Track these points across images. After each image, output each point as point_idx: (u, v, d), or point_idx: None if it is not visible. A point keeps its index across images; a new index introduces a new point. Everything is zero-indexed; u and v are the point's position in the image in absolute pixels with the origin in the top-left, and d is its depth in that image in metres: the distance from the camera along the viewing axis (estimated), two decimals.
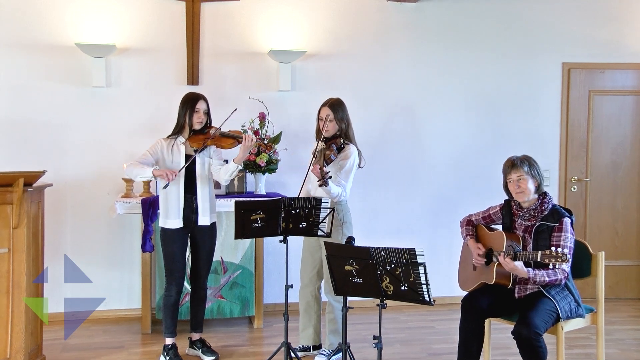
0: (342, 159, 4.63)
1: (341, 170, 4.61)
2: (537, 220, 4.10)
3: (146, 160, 4.60)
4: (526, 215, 4.13)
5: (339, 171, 4.61)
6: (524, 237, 4.13)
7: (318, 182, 4.33)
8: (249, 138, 4.56)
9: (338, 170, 4.61)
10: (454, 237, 5.99)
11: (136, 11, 5.83)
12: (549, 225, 4.05)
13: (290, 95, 6.11)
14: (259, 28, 6.04)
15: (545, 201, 4.13)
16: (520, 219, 4.16)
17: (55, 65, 5.72)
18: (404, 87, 6.33)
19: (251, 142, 4.57)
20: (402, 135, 6.35)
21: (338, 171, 4.61)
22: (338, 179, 4.58)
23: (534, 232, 4.08)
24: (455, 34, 6.39)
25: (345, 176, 4.62)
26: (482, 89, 6.45)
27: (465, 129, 6.46)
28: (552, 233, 4.03)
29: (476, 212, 4.47)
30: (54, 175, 5.29)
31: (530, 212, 4.13)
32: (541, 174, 4.19)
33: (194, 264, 4.83)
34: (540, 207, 4.11)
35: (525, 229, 4.14)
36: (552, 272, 3.93)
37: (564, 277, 3.97)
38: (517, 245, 4.08)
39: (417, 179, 6.40)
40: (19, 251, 4.21)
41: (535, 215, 4.11)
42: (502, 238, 4.12)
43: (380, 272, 3.33)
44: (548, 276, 3.93)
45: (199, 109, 4.64)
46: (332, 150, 4.55)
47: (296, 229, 4.38)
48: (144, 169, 4.51)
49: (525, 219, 4.13)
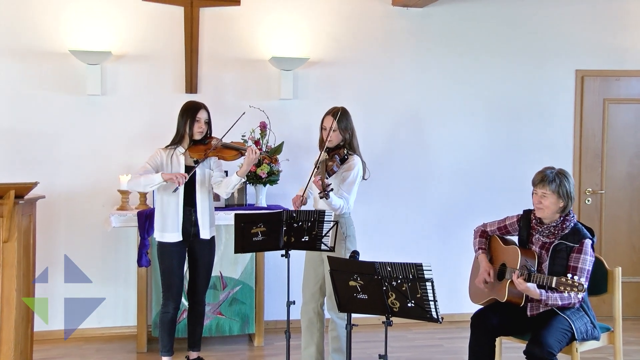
0: (345, 170, 4.61)
1: (344, 181, 4.59)
2: (556, 238, 4.04)
3: (147, 172, 4.59)
4: (545, 231, 4.07)
5: (341, 183, 4.59)
6: (540, 254, 4.07)
7: (319, 194, 4.31)
8: (252, 151, 4.55)
9: (341, 182, 4.59)
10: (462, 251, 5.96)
11: (133, 16, 5.84)
12: (568, 245, 3.99)
13: (292, 103, 6.11)
14: (260, 34, 6.05)
15: (567, 219, 4.05)
16: (539, 234, 4.11)
17: (48, 72, 5.72)
18: (410, 95, 6.32)
19: (255, 154, 4.56)
20: (408, 145, 6.33)
21: (341, 183, 4.59)
22: (341, 191, 4.56)
23: (552, 250, 4.02)
24: (463, 40, 6.39)
25: (348, 188, 4.59)
26: (492, 97, 6.44)
27: (475, 138, 6.44)
28: (570, 253, 3.97)
29: (491, 222, 4.44)
30: (46, 187, 5.27)
31: (550, 228, 4.06)
32: (571, 193, 4.04)
33: (192, 279, 4.81)
34: (562, 225, 4.04)
35: (543, 245, 4.08)
36: (565, 296, 3.88)
37: (577, 302, 3.93)
38: (532, 264, 4.02)
39: (424, 191, 6.38)
40: (9, 266, 4.18)
41: (555, 233, 4.05)
42: (516, 254, 4.08)
43: (386, 288, 3.31)
44: (561, 300, 3.89)
45: (199, 119, 4.63)
46: (334, 161, 4.54)
47: (298, 243, 4.36)
48: (151, 177, 4.50)
49: (544, 235, 4.08)
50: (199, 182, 4.64)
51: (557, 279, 3.77)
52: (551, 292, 3.88)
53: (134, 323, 5.71)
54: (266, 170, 5.58)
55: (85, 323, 5.82)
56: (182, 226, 4.60)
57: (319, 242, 4.33)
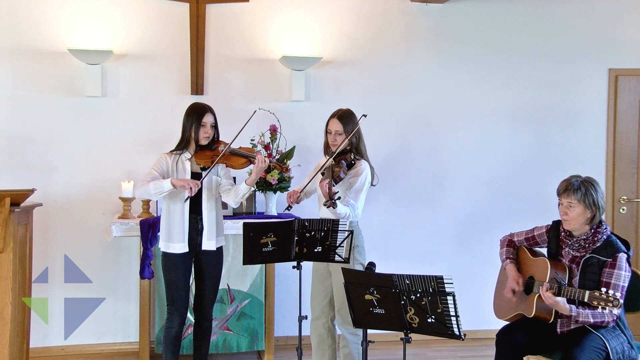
0: (352, 177, 4.61)
1: (351, 188, 4.59)
2: (587, 251, 3.99)
3: (154, 178, 4.58)
4: (575, 245, 4.02)
5: (348, 189, 4.58)
6: (570, 268, 4.03)
7: (325, 202, 4.30)
8: (262, 159, 4.54)
9: (347, 188, 4.59)
10: (485, 263, 5.95)
11: (135, 14, 5.86)
12: (601, 259, 3.94)
13: (303, 105, 6.11)
14: (270, 32, 6.06)
15: (599, 231, 3.99)
16: (569, 247, 4.06)
17: (45, 72, 5.75)
18: (428, 96, 6.31)
19: (264, 163, 4.55)
20: (425, 149, 6.32)
21: (347, 189, 4.58)
22: (347, 198, 4.55)
23: (582, 265, 3.97)
24: (486, 38, 6.38)
25: (355, 195, 4.58)
26: (517, 99, 6.42)
27: (497, 143, 6.41)
28: (603, 268, 3.91)
29: (519, 232, 4.41)
30: (43, 194, 5.30)
31: (580, 242, 4.01)
32: (600, 203, 3.99)
33: (198, 292, 4.80)
34: (593, 238, 3.99)
35: (573, 259, 4.04)
36: (598, 313, 3.82)
37: (612, 321, 3.86)
38: (562, 277, 3.98)
39: (442, 199, 6.36)
40: (3, 278, 4.21)
41: (585, 247, 4.00)
42: (546, 267, 4.05)
43: (405, 302, 3.30)
44: (593, 317, 3.83)
45: (205, 123, 4.63)
46: (341, 167, 4.53)
47: (311, 254, 4.35)
48: (160, 184, 4.47)
49: (574, 248, 4.03)
50: (206, 189, 4.64)
51: (590, 292, 3.73)
52: (582, 308, 3.84)
53: (136, 339, 5.72)
54: (276, 177, 5.58)
55: (83, 339, 5.83)
56: (188, 236, 4.61)
57: (333, 253, 4.32)
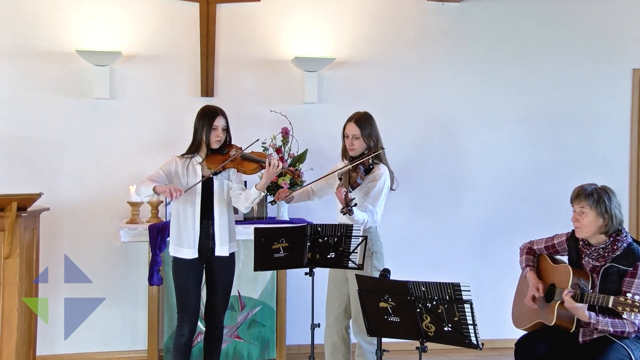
0: (370, 181, 4.60)
1: (369, 193, 4.58)
2: (606, 261, 3.95)
3: (158, 178, 4.56)
4: (594, 254, 3.99)
5: (366, 195, 4.58)
6: (591, 277, 3.99)
7: (341, 209, 4.29)
8: (274, 164, 4.52)
9: (365, 194, 4.58)
10: (503, 271, 5.93)
11: (144, 14, 5.88)
12: (621, 268, 3.90)
13: (316, 108, 6.11)
14: (282, 32, 6.07)
15: (618, 239, 3.95)
16: (588, 257, 4.03)
17: (52, 74, 5.77)
18: (445, 99, 6.31)
19: (276, 168, 4.54)
20: (442, 153, 6.31)
21: (365, 195, 4.58)
22: (365, 204, 4.54)
23: (602, 274, 3.93)
24: (505, 38, 6.36)
25: (373, 200, 4.57)
26: (536, 101, 6.40)
27: (516, 147, 6.39)
28: (623, 277, 3.88)
29: (539, 239, 4.39)
30: (50, 199, 5.32)
31: (599, 251, 3.98)
32: (613, 212, 3.94)
33: (209, 299, 4.80)
34: (612, 246, 3.95)
35: (593, 268, 4.01)
36: (619, 322, 3.78)
37: (633, 331, 3.82)
38: (585, 284, 3.94)
39: (460, 204, 6.34)
40: (10, 284, 4.22)
41: (604, 256, 3.96)
42: (568, 273, 4.02)
43: (420, 310, 3.30)
44: (613, 326, 3.79)
45: (217, 126, 4.62)
46: (358, 172, 4.52)
47: (324, 260, 4.35)
48: (145, 187, 4.42)
49: (593, 258, 4.00)
50: (217, 194, 4.64)
51: (614, 298, 3.68)
52: (602, 317, 3.81)
53: (144, 347, 5.73)
54: (288, 181, 5.58)
55: (91, 346, 5.84)
56: (199, 241, 4.61)
57: (346, 259, 4.32)
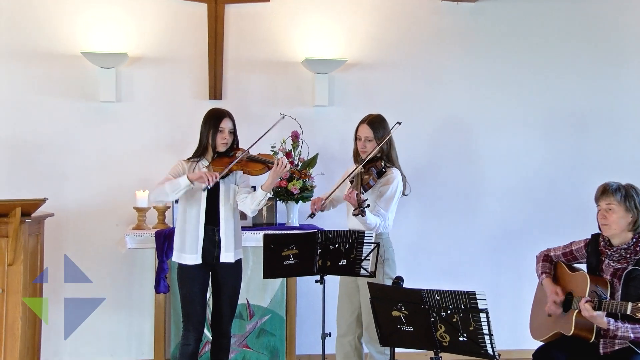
0: (382, 185, 4.61)
1: (381, 197, 4.58)
2: (629, 263, 3.93)
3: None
4: (615, 255, 3.98)
5: (378, 198, 4.58)
6: (612, 282, 3.97)
7: (353, 211, 4.29)
8: (281, 163, 4.51)
9: (378, 197, 4.59)
10: (520, 279, 5.91)
11: (150, 15, 5.89)
12: None
13: (327, 111, 6.11)
14: (292, 34, 6.07)
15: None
16: (609, 258, 4.01)
17: (57, 77, 5.79)
18: (459, 101, 6.29)
19: (283, 168, 4.54)
20: (456, 157, 6.30)
21: (378, 198, 4.58)
22: (377, 208, 4.55)
23: (625, 278, 3.91)
24: (522, 38, 6.35)
25: (385, 204, 4.58)
26: (555, 103, 6.38)
27: (535, 151, 6.37)
28: None
29: (556, 247, 4.38)
30: (55, 204, 5.33)
31: (621, 251, 3.97)
32: None
33: (216, 307, 4.79)
34: (635, 247, 3.94)
35: (615, 272, 3.98)
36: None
37: None
38: (603, 291, 3.94)
39: (475, 210, 6.33)
40: (14, 292, 4.23)
41: (626, 257, 3.95)
42: (585, 281, 4.01)
43: (434, 319, 3.29)
44: (634, 332, 3.77)
45: (223, 128, 4.63)
46: (371, 174, 4.53)
47: (335, 267, 4.35)
48: (177, 181, 4.44)
49: (615, 259, 3.98)
50: (223, 198, 4.63)
51: (632, 304, 3.66)
52: (622, 322, 3.79)
53: (150, 356, 5.73)
54: (298, 186, 5.57)
55: (96, 355, 5.86)
56: (203, 247, 4.59)
57: (358, 267, 4.31)
